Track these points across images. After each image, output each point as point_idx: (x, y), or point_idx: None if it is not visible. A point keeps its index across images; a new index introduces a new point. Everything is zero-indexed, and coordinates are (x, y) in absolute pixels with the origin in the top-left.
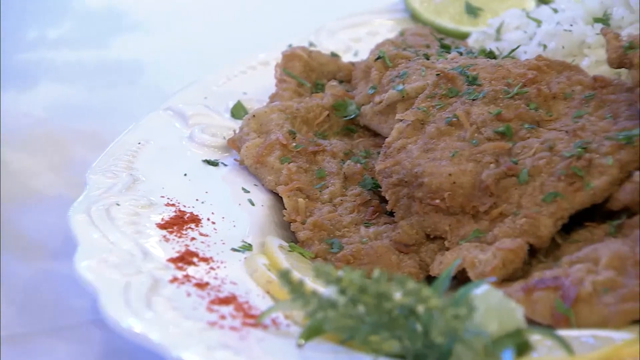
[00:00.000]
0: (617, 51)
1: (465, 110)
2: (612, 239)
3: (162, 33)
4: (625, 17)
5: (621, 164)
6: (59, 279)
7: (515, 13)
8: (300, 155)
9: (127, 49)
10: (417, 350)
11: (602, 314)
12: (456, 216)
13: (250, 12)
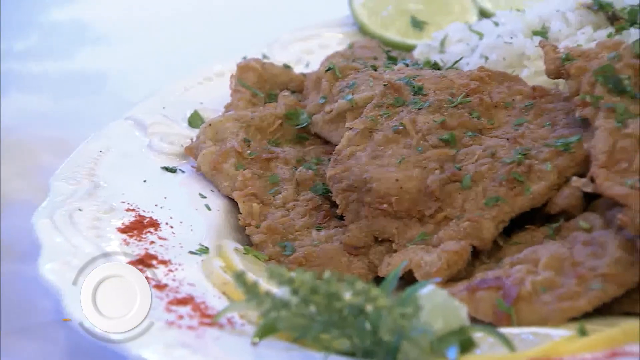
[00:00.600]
0: (554, 62)
1: (411, 119)
2: (551, 241)
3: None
4: (563, 30)
5: (559, 169)
6: (26, 280)
7: (458, 26)
8: (255, 162)
9: (91, 61)
10: (366, 348)
11: (541, 312)
12: (403, 220)
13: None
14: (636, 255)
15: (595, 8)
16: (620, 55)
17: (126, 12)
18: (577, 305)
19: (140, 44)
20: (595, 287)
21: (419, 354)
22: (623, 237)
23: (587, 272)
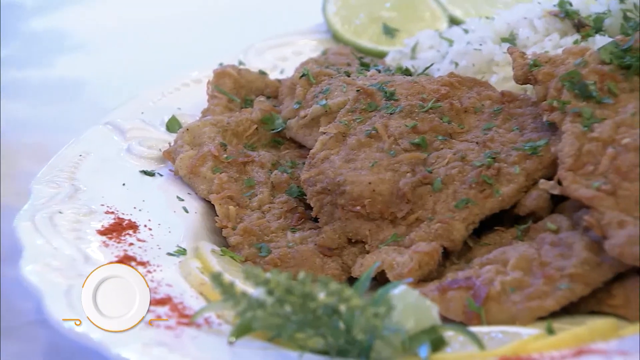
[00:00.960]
0: (522, 68)
1: (384, 124)
2: (519, 242)
3: (103, 53)
4: (530, 37)
5: (527, 172)
6: (8, 282)
7: (429, 33)
8: (231, 165)
9: (70, 68)
10: (340, 347)
11: (510, 311)
12: (376, 222)
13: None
14: (602, 256)
15: (562, 15)
16: (586, 62)
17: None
18: (545, 304)
19: (118, 51)
20: (563, 287)
21: (391, 353)
22: (589, 238)
23: (555, 272)
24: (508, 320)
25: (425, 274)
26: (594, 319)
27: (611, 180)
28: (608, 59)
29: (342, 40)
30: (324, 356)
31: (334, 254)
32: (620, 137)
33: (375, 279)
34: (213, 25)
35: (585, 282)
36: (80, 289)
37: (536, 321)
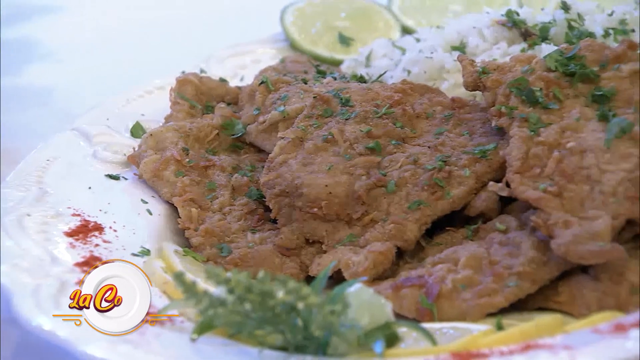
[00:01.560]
0: (472, 75)
1: (339, 129)
2: (470, 242)
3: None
4: (479, 45)
5: (477, 175)
6: None
7: (382, 42)
8: (193, 169)
9: (39, 76)
10: (298, 343)
11: (461, 308)
12: (332, 222)
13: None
14: (548, 255)
15: (510, 25)
16: (532, 69)
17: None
18: (494, 301)
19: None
20: (511, 285)
21: (347, 348)
22: (536, 237)
23: (504, 270)
24: (459, 317)
25: (380, 273)
26: (541, 315)
27: (557, 183)
28: (553, 66)
29: (299, 49)
30: (282, 352)
31: (292, 254)
32: (566, 141)
33: (331, 278)
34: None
35: (533, 280)
36: (48, 289)
37: (486, 317)
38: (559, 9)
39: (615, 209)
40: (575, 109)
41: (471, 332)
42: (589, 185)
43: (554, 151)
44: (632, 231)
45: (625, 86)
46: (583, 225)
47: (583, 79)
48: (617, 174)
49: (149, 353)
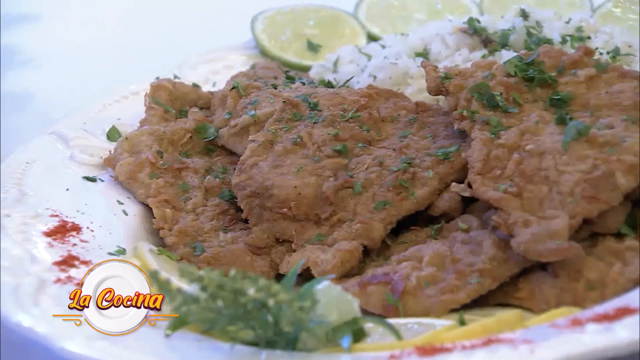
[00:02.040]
0: (435, 81)
1: (308, 132)
2: (433, 241)
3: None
4: (442, 52)
5: (440, 176)
6: None
7: (349, 49)
8: (167, 171)
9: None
10: (268, 338)
11: (425, 304)
12: (301, 222)
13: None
14: (508, 253)
15: (471, 32)
16: (493, 74)
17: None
18: (457, 297)
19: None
20: (473, 281)
21: (316, 343)
22: (497, 236)
23: (466, 267)
24: (423, 313)
25: (347, 271)
26: (501, 311)
27: (517, 183)
28: (513, 71)
29: (269, 55)
30: (253, 347)
31: (263, 253)
32: (525, 143)
33: (300, 275)
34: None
35: (494, 277)
36: (27, 287)
37: (449, 313)
38: (518, 17)
39: (572, 209)
40: (534, 113)
41: (435, 328)
42: (547, 186)
43: (513, 153)
44: (588, 230)
45: (582, 91)
46: (542, 224)
47: (541, 83)
48: (574, 175)
49: (125, 349)
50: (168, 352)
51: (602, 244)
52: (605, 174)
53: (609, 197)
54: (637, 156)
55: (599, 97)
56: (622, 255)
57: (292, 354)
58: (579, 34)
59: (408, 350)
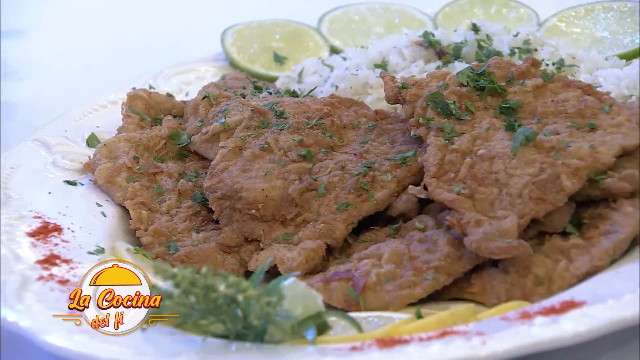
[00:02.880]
0: (393, 90)
1: (275, 138)
2: (392, 239)
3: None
4: (399, 63)
5: (398, 179)
6: None
7: (313, 61)
8: (143, 176)
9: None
10: (238, 331)
11: (384, 299)
12: (268, 223)
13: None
14: (462, 250)
15: (426, 45)
16: (447, 84)
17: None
18: (414, 292)
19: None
20: (429, 278)
21: (282, 336)
22: (451, 235)
23: (422, 264)
24: (383, 307)
25: (311, 268)
26: (455, 305)
27: (469, 186)
28: (465, 81)
29: (238, 67)
30: (224, 340)
31: (233, 251)
32: (477, 148)
33: (268, 272)
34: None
35: (448, 273)
36: (11, 284)
37: (407, 307)
38: (470, 31)
39: (521, 209)
40: (485, 120)
41: (394, 321)
42: (497, 188)
43: (466, 158)
44: (536, 229)
45: (529, 99)
46: (493, 224)
47: (492, 93)
48: (522, 178)
49: (103, 342)
50: (143, 344)
51: (549, 242)
52: (552, 177)
53: (555, 199)
54: (581, 160)
55: (545, 105)
56: (567, 252)
57: (260, 346)
58: (527, 46)
59: (369, 342)
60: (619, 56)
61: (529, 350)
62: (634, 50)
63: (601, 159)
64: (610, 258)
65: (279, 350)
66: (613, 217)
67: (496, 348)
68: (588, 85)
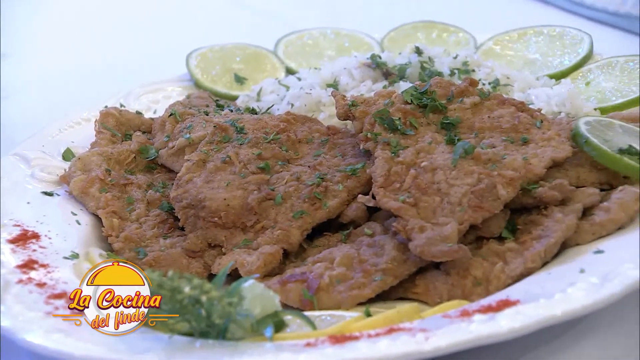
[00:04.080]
0: (343, 108)
1: (235, 152)
2: (343, 244)
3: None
4: (349, 83)
5: (349, 189)
6: None
7: (270, 81)
8: (114, 187)
9: None
10: (202, 329)
11: (336, 299)
12: (230, 229)
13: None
14: (407, 254)
15: (374, 66)
16: (392, 102)
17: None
18: (364, 293)
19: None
20: (377, 279)
21: (243, 333)
22: (397, 240)
23: (371, 267)
24: (335, 306)
25: (269, 271)
26: (401, 304)
27: (413, 195)
28: (409, 100)
29: (202, 87)
30: (189, 337)
31: (197, 256)
32: (420, 160)
33: (230, 275)
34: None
35: (394, 275)
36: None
37: (357, 306)
38: (413, 53)
39: (460, 216)
40: (427, 135)
41: (345, 319)
42: (439, 197)
43: (410, 169)
44: (474, 234)
45: (468, 116)
46: (435, 229)
47: (434, 110)
48: (462, 188)
49: (78, 340)
50: (115, 342)
51: (486, 246)
52: (488, 186)
53: (491, 206)
54: (515, 171)
55: (482, 121)
56: (503, 255)
57: (222, 343)
58: (465, 67)
59: (322, 338)
60: (549, 76)
61: (469, 345)
62: (563, 71)
63: (533, 170)
64: (542, 260)
65: (240, 347)
66: (544, 223)
67: (438, 343)
68: (521, 102)
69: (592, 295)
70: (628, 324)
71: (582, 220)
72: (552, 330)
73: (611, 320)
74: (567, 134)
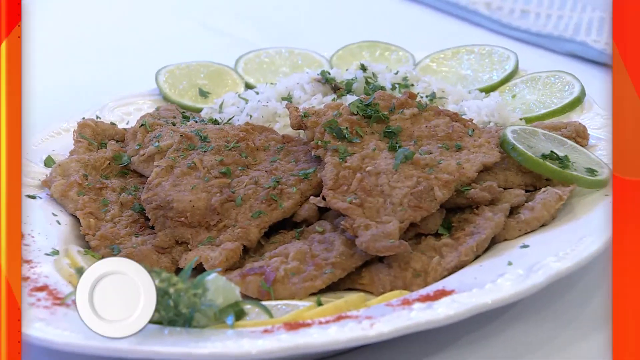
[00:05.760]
0: (297, 119)
1: (200, 159)
2: (297, 241)
3: None
4: (302, 96)
5: (302, 191)
6: None
7: (231, 95)
8: (91, 190)
9: None
10: (170, 318)
11: (291, 290)
12: (195, 228)
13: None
14: (354, 249)
15: (323, 81)
16: (340, 113)
17: None
18: (315, 284)
19: None
20: (327, 272)
21: (207, 322)
22: (345, 237)
23: (321, 261)
24: (289, 297)
25: (231, 265)
26: (349, 294)
27: (359, 196)
28: (355, 111)
29: (170, 100)
30: (158, 325)
31: (166, 252)
32: (365, 165)
33: (195, 269)
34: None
35: (343, 268)
36: None
37: (309, 296)
38: (359, 70)
39: (402, 215)
40: (372, 142)
41: (298, 308)
42: (382, 198)
43: (357, 173)
44: (414, 231)
45: (408, 125)
46: (379, 227)
47: (377, 120)
48: (402, 190)
49: (57, 328)
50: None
51: (425, 241)
52: (426, 188)
53: (429, 206)
54: (450, 174)
55: (420, 130)
56: (439, 250)
57: (188, 330)
58: (405, 82)
59: (278, 325)
60: (479, 90)
61: (409, 331)
62: (492, 85)
63: (466, 173)
64: (474, 254)
65: (204, 334)
66: (476, 221)
67: (382, 329)
68: (455, 113)
69: (519, 285)
70: (553, 311)
71: (510, 218)
72: (484, 317)
73: (538, 308)
74: (496, 141)
